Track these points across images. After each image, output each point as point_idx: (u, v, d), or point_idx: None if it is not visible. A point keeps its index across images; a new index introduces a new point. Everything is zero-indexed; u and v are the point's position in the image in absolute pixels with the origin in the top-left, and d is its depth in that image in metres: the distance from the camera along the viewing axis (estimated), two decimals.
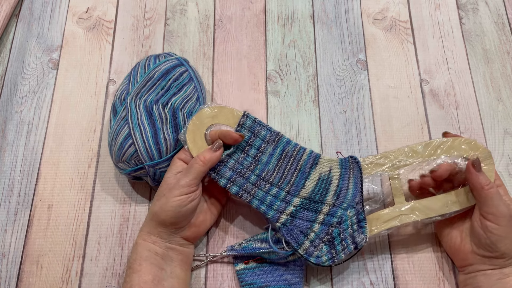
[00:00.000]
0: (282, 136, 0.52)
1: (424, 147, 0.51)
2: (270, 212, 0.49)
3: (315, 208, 0.50)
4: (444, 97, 0.63)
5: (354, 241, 0.48)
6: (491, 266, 0.47)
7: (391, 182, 0.51)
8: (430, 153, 0.50)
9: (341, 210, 0.50)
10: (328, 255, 0.48)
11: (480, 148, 0.50)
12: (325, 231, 0.49)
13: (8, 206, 0.56)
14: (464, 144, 0.50)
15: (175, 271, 0.49)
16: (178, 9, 0.69)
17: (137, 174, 0.52)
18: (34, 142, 0.60)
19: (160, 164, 0.51)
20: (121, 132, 0.51)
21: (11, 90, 0.63)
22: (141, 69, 0.56)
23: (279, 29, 0.68)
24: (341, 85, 0.64)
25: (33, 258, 0.54)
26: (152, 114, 0.51)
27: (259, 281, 0.50)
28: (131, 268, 0.47)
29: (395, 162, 0.50)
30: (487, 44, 0.67)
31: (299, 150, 0.52)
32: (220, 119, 0.51)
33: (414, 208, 0.50)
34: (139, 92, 0.53)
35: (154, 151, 0.50)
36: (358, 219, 0.49)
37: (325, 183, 0.51)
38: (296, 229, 0.49)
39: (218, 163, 0.50)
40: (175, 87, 0.54)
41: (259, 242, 0.52)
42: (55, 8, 0.69)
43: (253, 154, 0.51)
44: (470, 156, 0.50)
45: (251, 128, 0.51)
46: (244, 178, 0.50)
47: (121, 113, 0.53)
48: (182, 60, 0.57)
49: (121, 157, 0.52)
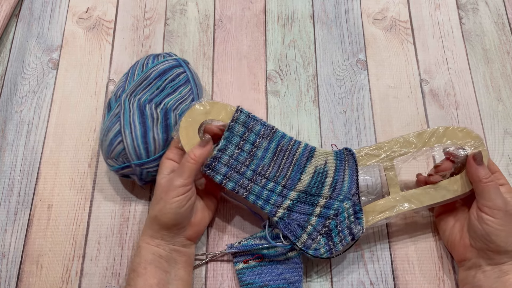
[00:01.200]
0: (276, 130, 0.52)
1: (417, 137, 0.51)
2: (267, 207, 0.50)
3: (311, 201, 0.50)
4: (444, 97, 0.63)
5: (351, 232, 0.49)
6: (489, 261, 0.48)
7: (386, 173, 0.51)
8: (424, 142, 0.51)
9: (337, 202, 0.50)
10: (326, 247, 0.49)
11: (472, 135, 0.51)
12: (322, 224, 0.50)
13: (8, 206, 0.56)
14: (457, 131, 0.51)
15: (179, 273, 0.49)
16: (178, 9, 0.69)
17: (125, 172, 0.52)
18: (34, 142, 0.60)
19: (147, 164, 0.51)
20: (112, 128, 0.51)
21: (11, 90, 0.63)
22: (139, 68, 0.56)
23: (279, 29, 0.68)
24: (341, 85, 0.64)
25: (33, 258, 0.54)
26: (144, 113, 0.51)
27: (258, 281, 0.50)
28: (135, 271, 0.47)
29: (389, 152, 0.51)
30: (487, 44, 0.67)
31: (294, 143, 0.52)
32: (213, 115, 0.51)
33: (410, 198, 0.50)
34: (134, 90, 0.53)
35: (142, 150, 0.50)
36: (355, 210, 0.50)
37: (321, 175, 0.51)
38: (293, 222, 0.49)
39: (212, 159, 0.50)
40: (170, 88, 0.54)
41: (258, 240, 0.52)
42: (55, 8, 0.69)
43: (248, 149, 0.51)
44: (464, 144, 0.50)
45: (245, 123, 0.51)
46: (240, 173, 0.50)
47: (114, 109, 0.53)
48: (181, 61, 0.57)
49: (110, 154, 0.52)
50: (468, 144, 0.50)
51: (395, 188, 0.51)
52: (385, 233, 0.55)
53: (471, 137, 0.51)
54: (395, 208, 0.50)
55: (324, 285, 0.53)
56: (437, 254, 0.54)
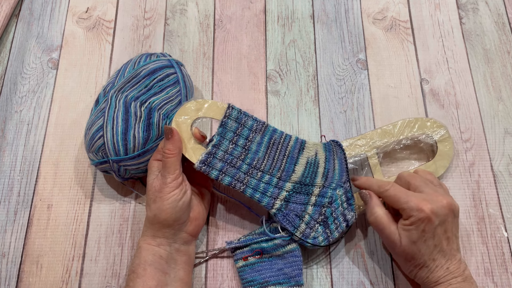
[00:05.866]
0: (268, 125, 0.53)
1: (393, 127, 0.56)
2: (265, 199, 0.50)
3: (306, 190, 0.52)
4: (444, 97, 0.63)
5: (346, 219, 0.51)
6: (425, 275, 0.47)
7: (370, 161, 0.55)
8: (399, 132, 0.56)
9: (330, 190, 0.52)
10: (324, 235, 0.50)
11: (437, 124, 0.57)
12: (319, 212, 0.51)
13: (8, 206, 0.56)
14: (427, 122, 0.57)
15: (178, 274, 0.49)
16: (178, 9, 0.69)
17: (103, 167, 0.53)
18: (34, 142, 0.60)
19: (125, 161, 0.51)
20: (96, 123, 0.52)
21: (10, 89, 0.63)
22: (131, 65, 0.56)
23: (279, 29, 0.68)
24: (341, 84, 0.64)
25: (33, 258, 0.54)
26: (128, 111, 0.51)
27: (259, 278, 0.51)
28: (134, 272, 0.47)
29: (370, 143, 0.55)
30: (487, 43, 0.67)
31: (285, 137, 0.53)
32: (205, 112, 0.52)
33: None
34: (123, 87, 0.53)
35: (120, 147, 0.50)
36: (347, 197, 0.52)
37: (313, 166, 0.53)
38: (291, 213, 0.50)
39: (207, 155, 0.50)
40: (158, 87, 0.54)
41: (257, 235, 0.53)
42: (55, 8, 0.69)
43: (242, 144, 0.52)
44: (432, 132, 0.56)
45: (237, 118, 0.52)
46: (236, 167, 0.51)
47: (101, 104, 0.53)
48: (173, 62, 0.57)
49: (91, 148, 0.52)
50: (435, 133, 0.56)
51: (378, 175, 0.55)
52: None
53: (438, 127, 0.56)
54: None
55: (324, 285, 0.53)
56: None
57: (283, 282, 0.50)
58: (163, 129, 0.53)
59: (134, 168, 0.52)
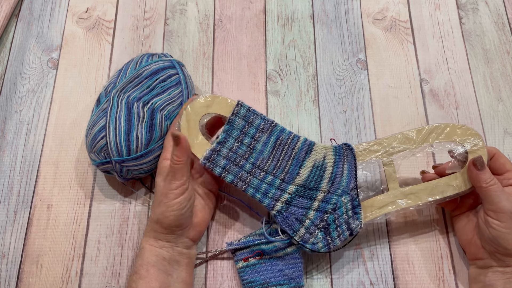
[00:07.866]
0: (276, 124, 0.52)
1: (416, 133, 0.51)
2: (266, 200, 0.50)
3: (310, 195, 0.50)
4: (444, 97, 0.63)
5: (349, 227, 0.49)
6: (500, 263, 0.47)
7: (384, 169, 0.51)
8: (423, 139, 0.51)
9: (335, 197, 0.50)
10: (324, 242, 0.49)
11: (471, 132, 0.50)
12: (320, 218, 0.50)
13: (8, 206, 0.56)
14: (456, 128, 0.51)
15: (181, 275, 0.49)
16: (178, 9, 0.69)
17: (105, 167, 0.52)
18: (34, 142, 0.60)
19: (127, 162, 0.51)
20: (98, 123, 0.52)
21: (10, 89, 0.63)
22: (132, 65, 0.56)
23: (279, 29, 0.68)
24: (341, 85, 0.64)
25: (33, 258, 0.54)
26: (131, 111, 0.51)
27: (259, 279, 0.51)
28: (137, 273, 0.47)
29: (388, 148, 0.51)
30: (487, 44, 0.67)
31: (293, 138, 0.52)
32: (214, 108, 0.51)
33: (408, 194, 0.50)
34: (125, 87, 0.53)
35: (123, 148, 0.50)
36: (353, 205, 0.50)
37: (319, 170, 0.51)
38: (291, 216, 0.50)
39: (212, 151, 0.50)
40: (160, 88, 0.54)
41: (257, 237, 0.52)
42: (54, 8, 0.69)
43: (247, 143, 0.51)
44: (464, 141, 0.50)
45: (245, 117, 0.51)
46: (239, 166, 0.50)
47: (103, 104, 0.53)
48: (175, 63, 0.57)
49: (92, 148, 0.52)
50: (467, 141, 0.50)
51: (394, 184, 0.51)
52: (385, 233, 0.55)
53: (471, 135, 0.50)
54: (394, 204, 0.50)
55: (324, 285, 0.53)
56: (437, 254, 0.54)
57: (284, 283, 0.50)
58: (165, 130, 0.53)
59: (137, 169, 0.52)
